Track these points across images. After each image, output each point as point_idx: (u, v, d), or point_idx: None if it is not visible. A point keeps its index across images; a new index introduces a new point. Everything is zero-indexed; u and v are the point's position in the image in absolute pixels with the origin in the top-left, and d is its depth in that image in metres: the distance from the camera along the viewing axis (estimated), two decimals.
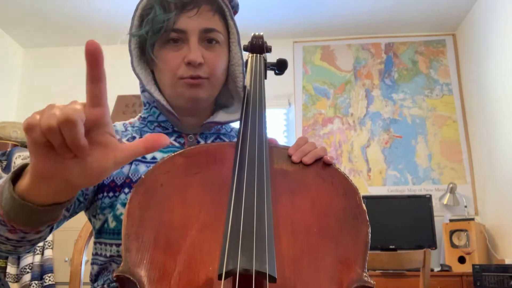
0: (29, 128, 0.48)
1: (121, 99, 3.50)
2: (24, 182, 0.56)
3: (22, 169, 0.59)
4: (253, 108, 0.87)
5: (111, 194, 0.86)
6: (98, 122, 0.50)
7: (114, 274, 0.56)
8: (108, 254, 0.86)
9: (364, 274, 0.61)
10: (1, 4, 3.39)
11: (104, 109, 0.51)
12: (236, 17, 0.95)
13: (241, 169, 0.70)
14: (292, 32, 3.76)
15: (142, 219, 0.62)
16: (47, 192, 0.55)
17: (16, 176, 0.59)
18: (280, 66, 1.08)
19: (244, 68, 0.95)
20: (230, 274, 0.53)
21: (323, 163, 0.76)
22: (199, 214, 0.64)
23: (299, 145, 0.80)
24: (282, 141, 0.82)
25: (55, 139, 0.48)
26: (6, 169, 2.94)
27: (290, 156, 0.78)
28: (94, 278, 0.90)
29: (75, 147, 0.48)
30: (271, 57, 1.10)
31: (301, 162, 0.76)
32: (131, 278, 0.55)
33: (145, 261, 0.57)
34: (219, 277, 0.53)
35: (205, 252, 0.59)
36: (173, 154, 0.74)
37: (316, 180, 0.73)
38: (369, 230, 0.66)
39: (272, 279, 0.53)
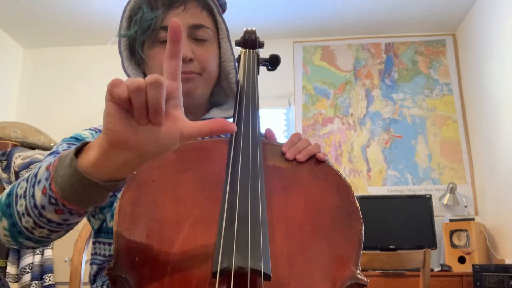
0: (115, 84, 0.48)
1: None
2: (91, 154, 0.55)
3: (81, 146, 0.58)
4: (246, 103, 0.86)
5: (110, 193, 0.86)
6: (173, 94, 0.53)
7: (105, 272, 0.56)
8: (107, 254, 0.86)
9: (358, 271, 0.61)
10: (1, 4, 3.39)
11: (179, 83, 0.54)
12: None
13: (234, 165, 0.69)
14: (292, 32, 3.76)
15: (133, 215, 0.62)
16: (116, 163, 0.53)
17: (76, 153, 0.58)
18: (273, 62, 1.07)
19: (236, 64, 0.95)
20: (224, 272, 0.53)
21: (316, 160, 0.76)
22: (192, 211, 0.63)
23: (292, 142, 0.79)
24: (282, 141, 0.82)
25: (139, 99, 0.48)
26: (6, 169, 2.94)
27: (283, 153, 0.77)
28: (93, 279, 0.89)
29: (154, 110, 0.49)
30: (265, 54, 1.09)
31: (295, 159, 0.76)
32: (123, 276, 0.55)
33: (137, 258, 0.57)
34: (214, 275, 0.52)
35: (198, 249, 0.58)
36: None
37: (309, 177, 0.73)
38: (363, 227, 0.66)
39: (267, 277, 0.53)
